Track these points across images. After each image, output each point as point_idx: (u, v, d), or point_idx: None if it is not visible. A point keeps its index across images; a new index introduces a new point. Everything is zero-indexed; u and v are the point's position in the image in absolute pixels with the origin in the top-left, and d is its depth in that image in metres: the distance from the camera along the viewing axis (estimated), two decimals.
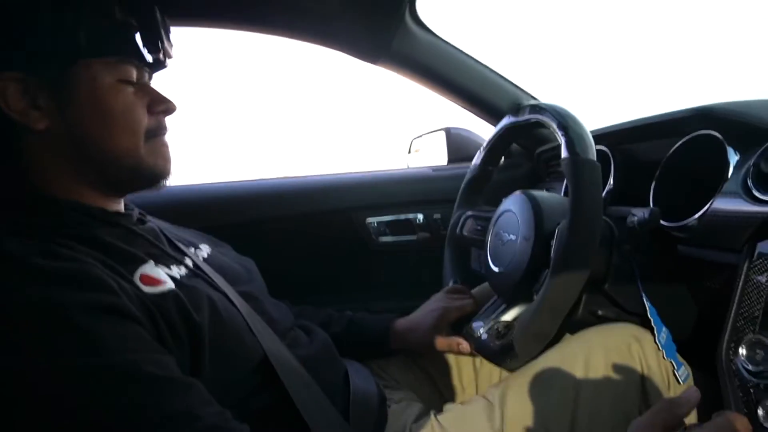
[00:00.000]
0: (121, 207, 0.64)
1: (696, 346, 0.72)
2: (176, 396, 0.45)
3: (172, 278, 0.56)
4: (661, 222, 0.74)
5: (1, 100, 0.52)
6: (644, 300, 0.72)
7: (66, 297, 0.45)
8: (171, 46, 0.63)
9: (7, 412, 0.42)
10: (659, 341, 0.69)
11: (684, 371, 0.69)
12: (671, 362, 0.69)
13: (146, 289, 0.52)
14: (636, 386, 0.66)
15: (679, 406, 0.45)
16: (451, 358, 0.86)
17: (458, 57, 1.13)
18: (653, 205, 0.79)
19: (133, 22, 0.58)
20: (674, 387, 0.68)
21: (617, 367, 0.67)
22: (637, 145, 0.92)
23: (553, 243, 0.67)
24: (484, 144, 0.98)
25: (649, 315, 0.71)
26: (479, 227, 0.94)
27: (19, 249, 0.46)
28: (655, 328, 0.70)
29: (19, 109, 0.53)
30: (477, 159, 0.99)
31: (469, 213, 0.98)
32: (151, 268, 0.55)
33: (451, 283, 0.95)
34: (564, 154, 0.68)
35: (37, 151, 0.55)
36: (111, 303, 0.46)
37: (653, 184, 0.80)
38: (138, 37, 0.59)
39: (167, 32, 0.62)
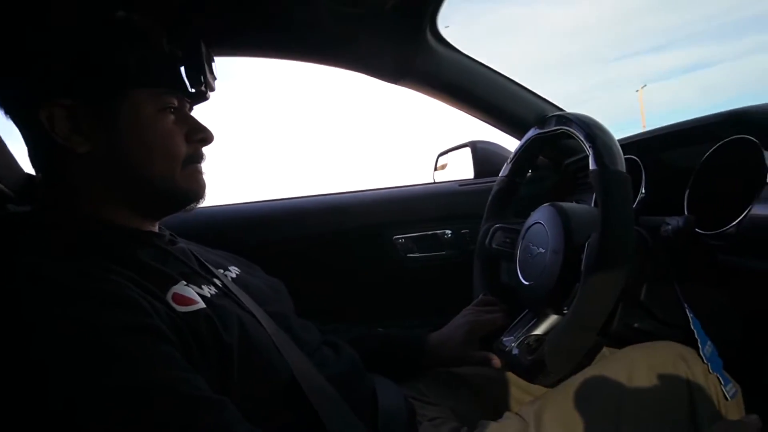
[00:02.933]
0: (155, 228, 0.65)
1: (741, 361, 0.68)
2: (208, 414, 0.46)
3: (203, 297, 0.56)
4: (697, 230, 0.72)
5: (47, 123, 0.54)
6: (686, 311, 0.69)
7: (99, 318, 0.45)
8: (214, 79, 0.64)
9: None
10: (704, 354, 0.66)
11: (732, 387, 0.65)
12: (718, 377, 0.66)
13: (178, 308, 0.52)
14: (683, 407, 0.63)
15: None
16: (484, 373, 0.84)
17: (481, 72, 1.13)
18: (688, 213, 0.77)
19: (179, 55, 0.60)
20: (725, 407, 0.65)
21: (663, 387, 0.64)
22: (669, 152, 0.90)
23: (583, 256, 0.66)
24: (511, 156, 0.97)
25: (692, 326, 0.68)
26: (508, 239, 0.92)
27: (54, 271, 0.47)
28: (699, 341, 0.67)
29: (63, 134, 0.55)
30: (504, 171, 0.98)
31: (498, 225, 0.97)
32: (182, 288, 0.56)
33: (480, 296, 0.94)
34: (592, 165, 0.66)
35: (78, 173, 0.57)
36: (143, 323, 0.47)
37: (687, 191, 0.78)
38: (183, 69, 0.60)
39: (210, 65, 0.63)
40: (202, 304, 0.55)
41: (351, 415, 0.60)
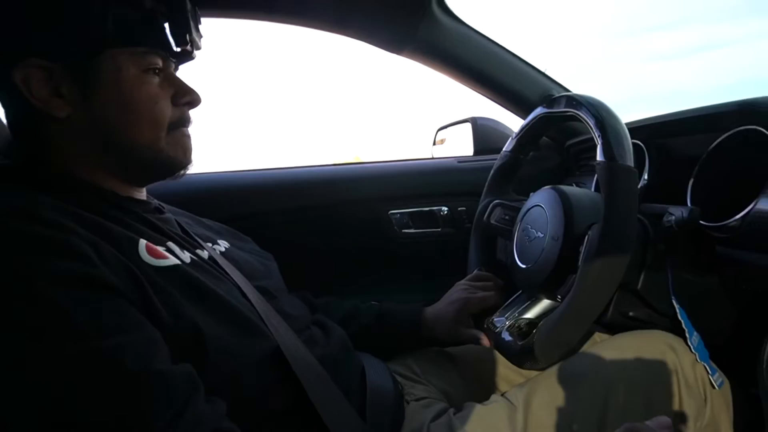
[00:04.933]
0: (142, 196, 0.63)
1: (732, 351, 0.69)
2: (138, 393, 0.41)
3: (180, 260, 0.54)
4: (700, 222, 0.71)
5: (24, 87, 0.51)
6: (674, 302, 0.69)
7: (33, 262, 0.41)
8: (200, 37, 0.61)
9: None
10: (691, 344, 0.67)
11: (719, 377, 0.66)
12: (705, 367, 0.66)
13: (147, 258, 0.49)
14: (671, 397, 0.64)
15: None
16: (474, 351, 0.84)
17: (486, 46, 1.09)
18: (691, 203, 0.76)
19: (162, 11, 0.57)
20: (711, 399, 0.66)
21: (651, 375, 0.65)
22: (674, 139, 0.88)
23: (583, 248, 0.64)
24: (516, 131, 0.94)
25: (679, 317, 0.68)
26: (507, 217, 0.91)
27: None
28: (686, 331, 0.67)
29: (42, 97, 0.52)
30: (508, 146, 0.95)
31: (498, 201, 0.95)
32: (155, 247, 0.53)
33: (475, 272, 0.93)
34: (600, 157, 0.64)
35: (58, 138, 0.55)
36: (85, 273, 0.43)
37: (691, 181, 0.76)
38: (167, 27, 0.57)
39: (197, 23, 0.60)
40: (176, 261, 0.52)
41: (341, 397, 0.59)
